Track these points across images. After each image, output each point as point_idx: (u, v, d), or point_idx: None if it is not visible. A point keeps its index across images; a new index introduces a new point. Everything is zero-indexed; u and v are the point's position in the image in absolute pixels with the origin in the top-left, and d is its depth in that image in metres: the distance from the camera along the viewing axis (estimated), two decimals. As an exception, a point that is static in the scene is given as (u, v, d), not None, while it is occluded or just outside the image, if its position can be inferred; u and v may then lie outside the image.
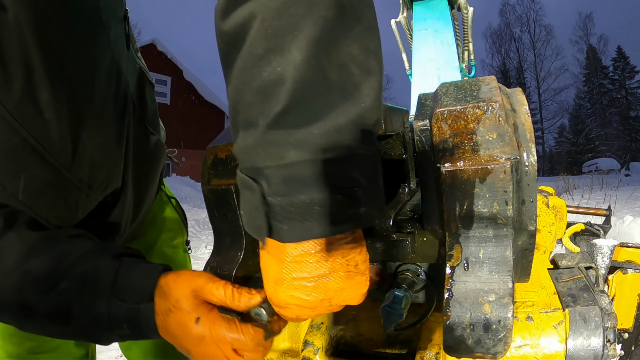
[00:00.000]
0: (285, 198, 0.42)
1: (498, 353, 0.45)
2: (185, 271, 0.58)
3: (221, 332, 0.52)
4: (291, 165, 0.41)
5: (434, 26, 1.56)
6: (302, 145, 0.41)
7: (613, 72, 35.88)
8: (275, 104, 0.41)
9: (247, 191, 0.46)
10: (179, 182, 11.63)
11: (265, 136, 0.41)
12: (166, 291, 0.55)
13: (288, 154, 0.41)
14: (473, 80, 0.53)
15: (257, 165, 0.43)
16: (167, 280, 0.56)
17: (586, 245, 0.77)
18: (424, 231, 0.54)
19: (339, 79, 0.42)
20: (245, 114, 0.44)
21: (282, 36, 0.41)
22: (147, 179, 0.89)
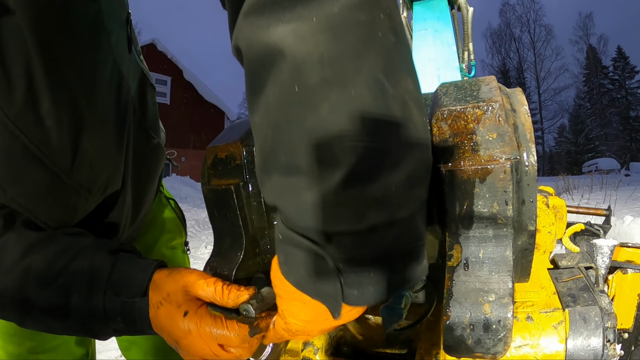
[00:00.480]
0: (359, 268, 0.38)
1: (498, 353, 0.45)
2: (179, 267, 0.59)
3: (207, 327, 0.53)
4: (371, 229, 0.35)
5: (434, 26, 1.56)
6: (381, 204, 0.35)
7: (613, 72, 35.87)
8: (346, 156, 0.33)
9: (304, 254, 0.39)
10: (179, 182, 11.63)
11: (337, 197, 0.34)
12: (159, 285, 0.56)
13: (367, 215, 0.35)
14: (473, 80, 0.53)
15: (323, 228, 0.36)
16: (160, 275, 0.57)
17: (586, 245, 0.77)
18: (424, 231, 0.54)
19: (403, 120, 0.35)
20: (288, 159, 0.36)
21: (341, 64, 0.33)
22: (146, 181, 0.89)
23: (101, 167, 0.70)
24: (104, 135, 0.70)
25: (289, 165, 0.36)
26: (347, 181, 0.34)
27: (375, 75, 0.34)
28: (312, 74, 0.33)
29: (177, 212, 1.11)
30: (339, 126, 0.33)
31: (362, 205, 0.35)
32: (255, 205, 0.64)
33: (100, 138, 0.69)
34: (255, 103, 0.39)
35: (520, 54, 37.73)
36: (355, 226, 0.36)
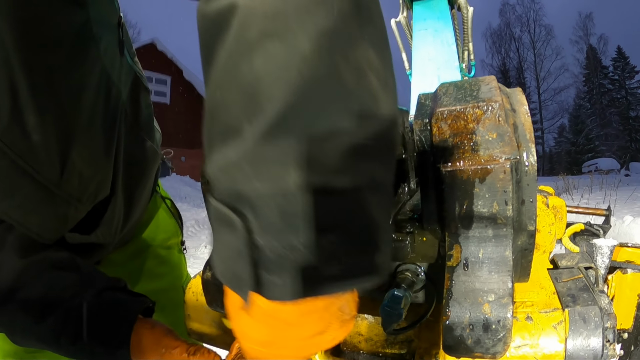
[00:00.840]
0: (282, 239, 0.31)
1: (497, 353, 0.45)
2: (156, 328, 0.65)
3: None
4: (293, 193, 0.30)
5: (434, 26, 1.56)
6: (309, 165, 0.30)
7: (613, 72, 35.89)
8: (273, 103, 0.30)
9: (224, 227, 0.33)
10: (178, 182, 11.63)
11: (256, 148, 0.30)
12: (142, 350, 0.62)
13: (289, 176, 0.30)
14: (473, 80, 0.53)
15: (241, 189, 0.31)
16: (142, 331, 0.63)
17: (586, 245, 0.77)
18: (423, 231, 0.54)
19: (356, 85, 0.32)
20: (226, 119, 0.32)
21: (284, 18, 0.30)
22: (138, 184, 0.86)
23: (90, 176, 0.69)
24: (93, 145, 0.69)
25: (227, 129, 0.32)
26: (272, 131, 0.30)
27: (321, 31, 0.30)
28: (254, 26, 0.31)
29: (173, 211, 1.11)
30: (271, 77, 0.30)
31: (286, 160, 0.30)
32: (254, 205, 0.63)
33: (89, 147, 0.68)
34: (207, 73, 0.35)
35: (520, 54, 37.75)
36: (274, 187, 0.30)
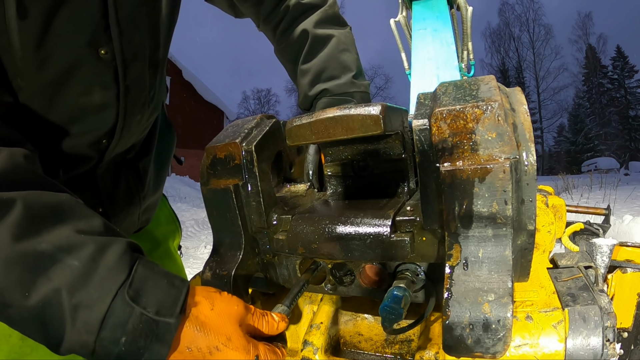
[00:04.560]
0: None
1: (497, 352, 0.45)
2: (218, 297, 0.53)
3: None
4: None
5: (433, 25, 1.55)
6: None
7: (612, 71, 35.90)
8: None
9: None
10: (178, 182, 11.62)
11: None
12: (207, 323, 0.49)
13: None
14: (472, 80, 0.53)
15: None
16: (200, 311, 0.50)
17: (585, 244, 0.77)
18: (423, 231, 0.54)
19: None
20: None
21: None
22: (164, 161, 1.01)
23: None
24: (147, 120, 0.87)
25: None
26: None
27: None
28: None
29: (173, 211, 1.15)
30: None
31: None
32: (254, 205, 0.63)
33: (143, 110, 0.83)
34: None
35: (520, 54, 37.77)
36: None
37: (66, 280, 0.45)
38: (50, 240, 0.47)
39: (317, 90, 0.96)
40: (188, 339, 0.48)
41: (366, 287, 0.63)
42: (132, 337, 0.45)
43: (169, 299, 0.48)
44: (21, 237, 0.46)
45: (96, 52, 0.70)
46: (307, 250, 0.58)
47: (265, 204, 0.63)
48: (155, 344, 0.46)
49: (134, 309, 0.46)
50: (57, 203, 0.50)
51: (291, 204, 0.68)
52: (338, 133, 0.58)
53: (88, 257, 0.47)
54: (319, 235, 0.57)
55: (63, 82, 0.68)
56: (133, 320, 0.45)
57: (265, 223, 0.64)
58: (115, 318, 0.45)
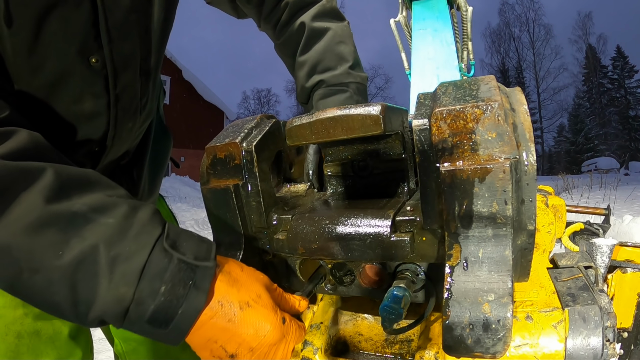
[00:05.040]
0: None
1: (497, 352, 0.45)
2: (245, 265, 0.54)
3: (298, 332, 0.52)
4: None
5: (433, 25, 1.55)
6: None
7: (612, 71, 35.91)
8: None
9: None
10: (178, 182, 11.62)
11: None
12: (238, 280, 0.51)
13: None
14: (472, 80, 0.53)
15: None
16: (231, 267, 0.52)
17: (585, 244, 0.77)
18: (423, 231, 0.54)
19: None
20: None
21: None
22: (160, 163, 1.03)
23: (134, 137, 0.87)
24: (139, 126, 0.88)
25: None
26: None
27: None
28: None
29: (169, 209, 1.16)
30: None
31: None
32: (254, 205, 0.63)
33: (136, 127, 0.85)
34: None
35: (520, 54, 37.77)
36: None
37: (103, 236, 0.46)
38: (83, 202, 0.47)
39: (313, 81, 0.96)
40: (221, 292, 0.48)
41: (366, 287, 0.63)
42: (171, 285, 0.45)
43: (202, 249, 0.49)
44: (53, 199, 0.46)
45: (87, 60, 0.70)
46: (307, 250, 0.58)
47: (265, 204, 0.63)
48: (192, 292, 0.46)
49: (173, 256, 0.46)
50: (83, 173, 0.51)
51: (291, 204, 0.68)
52: (338, 133, 0.58)
53: (122, 215, 0.48)
54: (319, 235, 0.57)
55: (54, 90, 0.69)
56: (172, 268, 0.46)
57: (265, 223, 0.64)
58: (154, 268, 0.45)
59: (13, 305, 0.76)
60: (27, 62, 0.64)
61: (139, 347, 1.03)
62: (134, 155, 0.93)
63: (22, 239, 0.44)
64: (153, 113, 0.94)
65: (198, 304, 0.46)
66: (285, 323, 0.51)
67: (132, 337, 1.03)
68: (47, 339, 0.79)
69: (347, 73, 0.96)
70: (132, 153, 0.93)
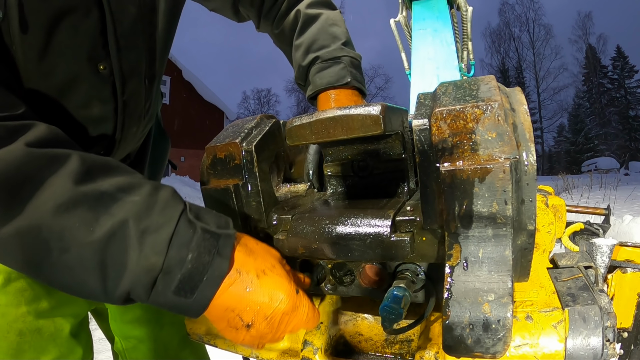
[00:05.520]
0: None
1: (497, 352, 0.45)
2: (259, 240, 0.58)
3: (311, 310, 0.56)
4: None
5: (433, 26, 1.55)
6: None
7: (612, 71, 35.92)
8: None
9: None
10: (178, 182, 11.62)
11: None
12: (254, 251, 0.54)
13: None
14: (472, 80, 0.53)
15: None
16: (247, 240, 0.55)
17: (585, 244, 0.77)
18: (423, 231, 0.54)
19: None
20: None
21: None
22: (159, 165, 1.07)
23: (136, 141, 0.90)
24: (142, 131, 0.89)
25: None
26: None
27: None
28: None
29: None
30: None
31: None
32: (254, 205, 0.63)
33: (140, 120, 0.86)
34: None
35: (520, 54, 37.77)
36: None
37: (131, 212, 0.48)
38: (109, 183, 0.50)
39: (309, 59, 0.99)
40: (240, 261, 0.52)
41: (366, 287, 0.63)
42: (197, 253, 0.48)
43: (222, 221, 0.53)
44: (81, 181, 0.49)
45: (95, 67, 0.73)
46: (307, 250, 0.58)
47: (265, 204, 0.63)
48: (216, 259, 0.49)
49: (197, 226, 0.50)
50: (105, 160, 0.54)
51: (291, 204, 0.68)
52: (338, 133, 0.58)
53: (147, 193, 0.51)
54: (319, 235, 0.57)
55: (63, 95, 0.71)
56: (197, 238, 0.49)
57: (265, 223, 0.64)
58: (181, 237, 0.48)
59: (15, 304, 0.77)
60: (37, 68, 0.67)
61: (139, 345, 1.03)
62: (135, 157, 0.96)
63: (53, 219, 0.46)
64: (154, 117, 0.98)
65: (222, 270, 0.50)
66: (299, 294, 0.55)
67: (132, 335, 1.03)
68: (48, 336, 0.80)
69: (340, 48, 1.01)
70: (134, 156, 0.96)
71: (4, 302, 0.77)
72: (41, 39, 0.65)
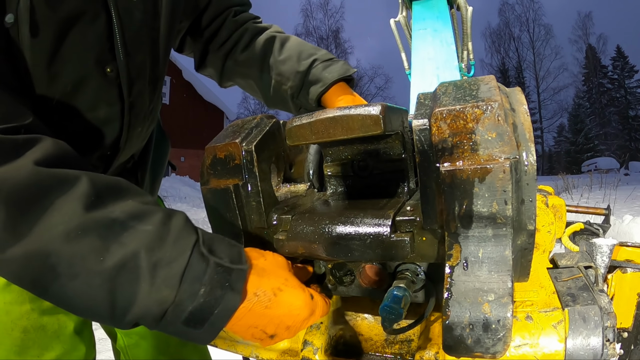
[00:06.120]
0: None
1: (497, 352, 0.45)
2: (264, 252, 0.59)
3: (325, 306, 0.58)
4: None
5: (433, 25, 1.55)
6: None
7: (612, 71, 35.92)
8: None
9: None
10: (178, 182, 11.62)
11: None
12: (266, 269, 0.55)
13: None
14: (472, 80, 0.53)
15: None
16: (256, 258, 0.56)
17: (585, 244, 0.77)
18: (423, 231, 0.54)
19: None
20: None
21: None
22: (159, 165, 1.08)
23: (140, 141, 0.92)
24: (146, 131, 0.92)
25: None
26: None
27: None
28: None
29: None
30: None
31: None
32: (254, 205, 0.63)
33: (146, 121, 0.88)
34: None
35: (520, 54, 37.76)
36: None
37: (143, 242, 0.47)
38: (121, 209, 0.49)
39: (307, 63, 1.00)
40: (254, 285, 0.52)
41: (366, 287, 0.63)
42: (210, 287, 0.48)
43: (235, 253, 0.52)
44: (92, 207, 0.48)
45: (102, 70, 0.74)
46: (307, 250, 0.58)
47: (265, 204, 0.63)
48: (228, 293, 0.49)
49: (210, 260, 0.49)
50: (115, 181, 0.53)
51: (291, 204, 0.68)
52: (338, 133, 0.58)
53: (159, 222, 0.50)
54: (319, 235, 0.57)
55: (70, 98, 0.72)
56: (210, 272, 0.48)
57: (265, 223, 0.64)
58: (193, 271, 0.48)
59: (20, 301, 0.78)
60: (45, 72, 0.67)
61: (140, 342, 1.04)
62: (138, 158, 0.98)
63: (62, 245, 0.45)
64: (157, 118, 1.00)
65: (233, 304, 0.49)
66: (314, 299, 0.56)
67: (134, 332, 1.04)
68: (52, 333, 0.81)
69: (328, 53, 1.04)
70: (137, 156, 0.98)
71: (8, 300, 0.77)
72: (51, 43, 0.66)
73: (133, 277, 0.46)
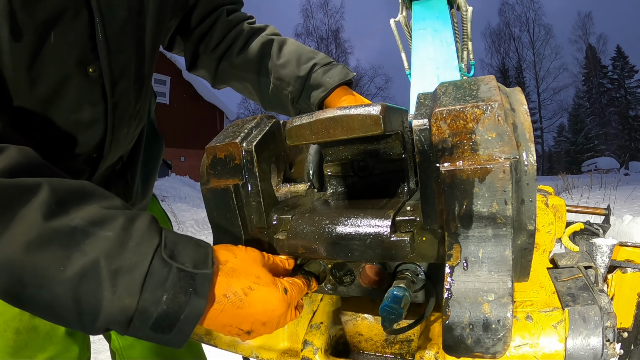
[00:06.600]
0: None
1: (497, 352, 0.45)
2: (236, 248, 0.57)
3: (299, 294, 0.57)
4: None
5: (433, 25, 1.55)
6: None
7: (612, 71, 35.92)
8: None
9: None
10: (178, 182, 11.62)
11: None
12: (236, 268, 0.53)
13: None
14: (472, 80, 0.53)
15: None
16: (225, 256, 0.54)
17: (585, 244, 0.77)
18: (423, 231, 0.54)
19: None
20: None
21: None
22: (152, 165, 1.06)
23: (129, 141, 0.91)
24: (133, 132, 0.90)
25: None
26: None
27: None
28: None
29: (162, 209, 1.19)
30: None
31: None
32: (254, 205, 0.63)
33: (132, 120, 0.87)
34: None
35: (520, 54, 37.75)
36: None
37: (103, 250, 0.47)
38: (81, 216, 0.48)
39: (307, 67, 0.99)
40: (223, 287, 0.51)
41: (366, 287, 0.63)
42: (173, 293, 0.47)
43: (200, 256, 0.51)
44: (52, 215, 0.47)
45: (85, 70, 0.72)
46: (307, 250, 0.58)
47: (265, 204, 0.63)
48: (193, 298, 0.48)
49: (172, 266, 0.48)
50: (79, 185, 0.52)
51: (291, 204, 0.68)
52: (338, 133, 0.58)
53: (120, 227, 0.49)
54: (319, 235, 0.57)
55: (53, 100, 0.71)
56: (172, 277, 0.47)
57: (265, 223, 0.64)
58: (155, 278, 0.47)
59: None
60: (26, 75, 0.66)
61: (135, 343, 1.04)
62: (127, 159, 0.96)
63: (24, 256, 0.45)
64: (145, 117, 0.97)
65: (199, 308, 0.48)
66: (288, 293, 0.55)
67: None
68: (44, 334, 0.81)
69: (326, 56, 1.03)
70: (126, 157, 0.96)
71: (1, 302, 0.77)
72: (32, 46, 0.64)
73: (95, 285, 0.46)
